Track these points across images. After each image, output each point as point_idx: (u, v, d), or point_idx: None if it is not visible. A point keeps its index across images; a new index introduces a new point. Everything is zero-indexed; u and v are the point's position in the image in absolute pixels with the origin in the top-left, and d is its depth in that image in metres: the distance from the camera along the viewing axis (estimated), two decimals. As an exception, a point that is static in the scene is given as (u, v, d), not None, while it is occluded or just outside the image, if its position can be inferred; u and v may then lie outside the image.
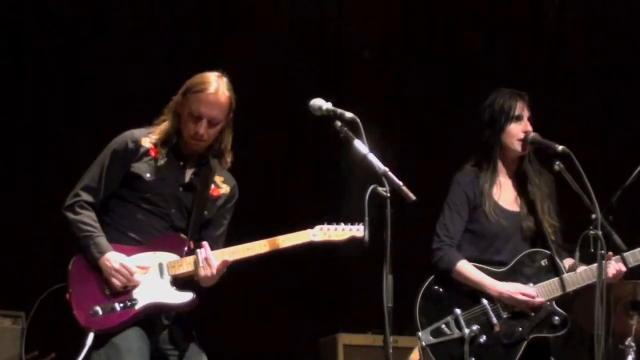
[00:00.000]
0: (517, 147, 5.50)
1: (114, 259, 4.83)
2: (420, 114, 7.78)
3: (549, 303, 5.44)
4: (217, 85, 4.93)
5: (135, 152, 4.94)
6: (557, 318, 5.44)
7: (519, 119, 5.51)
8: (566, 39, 7.37)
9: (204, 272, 4.84)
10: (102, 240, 4.88)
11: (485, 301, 5.43)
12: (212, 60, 6.29)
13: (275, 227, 5.03)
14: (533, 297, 5.37)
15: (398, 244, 4.28)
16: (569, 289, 5.41)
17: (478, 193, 5.50)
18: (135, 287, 4.84)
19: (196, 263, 4.88)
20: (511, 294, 5.38)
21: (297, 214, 7.07)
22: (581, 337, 6.41)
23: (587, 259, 5.25)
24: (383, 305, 4.24)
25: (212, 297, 4.92)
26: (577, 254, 5.20)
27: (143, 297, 4.87)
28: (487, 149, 5.53)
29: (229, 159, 5.08)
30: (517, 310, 5.41)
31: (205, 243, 4.91)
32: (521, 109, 5.52)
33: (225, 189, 5.11)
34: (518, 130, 5.51)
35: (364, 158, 4.42)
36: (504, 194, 5.56)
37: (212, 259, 4.85)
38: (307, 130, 7.41)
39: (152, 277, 4.90)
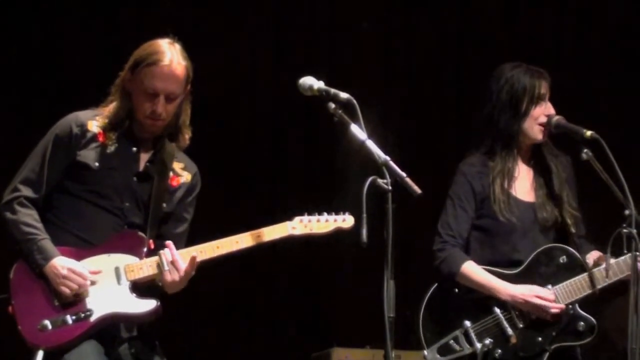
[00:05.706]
0: (537, 132, 5.28)
1: (60, 264, 4.61)
2: (426, 95, 7.58)
3: (570, 306, 5.19)
4: (170, 54, 4.70)
5: (80, 138, 4.71)
6: (582, 323, 5.19)
7: (541, 99, 5.28)
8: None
9: (170, 276, 4.65)
10: (47, 243, 4.64)
11: (497, 309, 5.20)
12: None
13: (259, 223, 4.82)
14: (551, 301, 5.15)
15: (400, 244, 4.13)
16: (599, 286, 5.16)
17: (486, 184, 5.28)
18: (87, 295, 4.62)
19: (159, 266, 4.68)
20: (525, 298, 5.15)
21: (285, 209, 6.74)
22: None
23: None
24: (383, 315, 4.07)
25: (184, 306, 4.43)
26: (609, 256, 4.99)
27: (99, 307, 4.63)
28: (505, 134, 5.29)
29: (187, 135, 4.85)
30: (533, 318, 5.18)
31: (169, 242, 4.71)
32: (545, 88, 5.28)
33: (185, 177, 4.89)
34: (540, 113, 5.27)
35: (362, 145, 4.25)
36: (517, 183, 5.34)
37: (178, 261, 4.64)
38: (296, 114, 7.18)
39: (107, 284, 4.67)
